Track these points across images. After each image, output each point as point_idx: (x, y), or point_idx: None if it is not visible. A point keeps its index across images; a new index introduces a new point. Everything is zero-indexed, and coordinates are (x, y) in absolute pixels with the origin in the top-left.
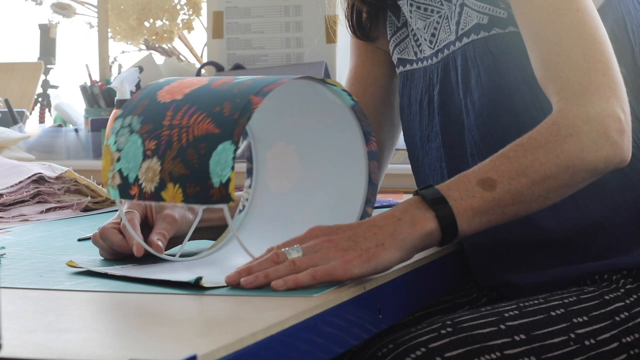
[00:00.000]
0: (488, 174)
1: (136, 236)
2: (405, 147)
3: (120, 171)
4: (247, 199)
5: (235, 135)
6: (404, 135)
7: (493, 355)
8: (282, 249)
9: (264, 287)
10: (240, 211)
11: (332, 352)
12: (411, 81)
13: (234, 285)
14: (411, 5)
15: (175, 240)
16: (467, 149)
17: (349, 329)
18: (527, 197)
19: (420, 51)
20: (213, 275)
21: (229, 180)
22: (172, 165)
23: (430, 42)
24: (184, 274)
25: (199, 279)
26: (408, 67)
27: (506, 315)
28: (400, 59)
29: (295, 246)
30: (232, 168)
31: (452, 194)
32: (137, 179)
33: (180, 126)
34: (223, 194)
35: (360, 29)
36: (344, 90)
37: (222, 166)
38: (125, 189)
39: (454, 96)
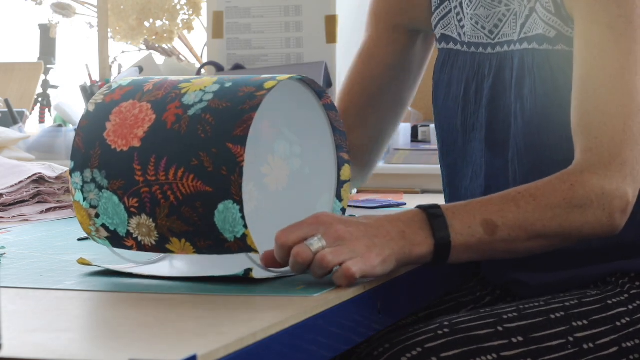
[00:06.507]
0: (493, 216)
1: None
2: (404, 147)
3: (104, 226)
4: None
5: (234, 194)
6: (435, 110)
7: (489, 357)
8: (305, 242)
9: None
10: None
11: (332, 352)
12: (454, 61)
13: (274, 265)
14: None
15: None
16: (509, 153)
17: (348, 329)
18: (518, 249)
19: (464, 33)
20: (216, 268)
21: (244, 235)
22: (168, 222)
23: (491, 32)
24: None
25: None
26: (452, 45)
27: (505, 317)
28: (444, 35)
29: (317, 237)
30: (245, 226)
31: (455, 226)
32: (129, 234)
33: (160, 183)
34: (241, 246)
35: None
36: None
37: (231, 224)
38: (118, 240)
39: (505, 96)
